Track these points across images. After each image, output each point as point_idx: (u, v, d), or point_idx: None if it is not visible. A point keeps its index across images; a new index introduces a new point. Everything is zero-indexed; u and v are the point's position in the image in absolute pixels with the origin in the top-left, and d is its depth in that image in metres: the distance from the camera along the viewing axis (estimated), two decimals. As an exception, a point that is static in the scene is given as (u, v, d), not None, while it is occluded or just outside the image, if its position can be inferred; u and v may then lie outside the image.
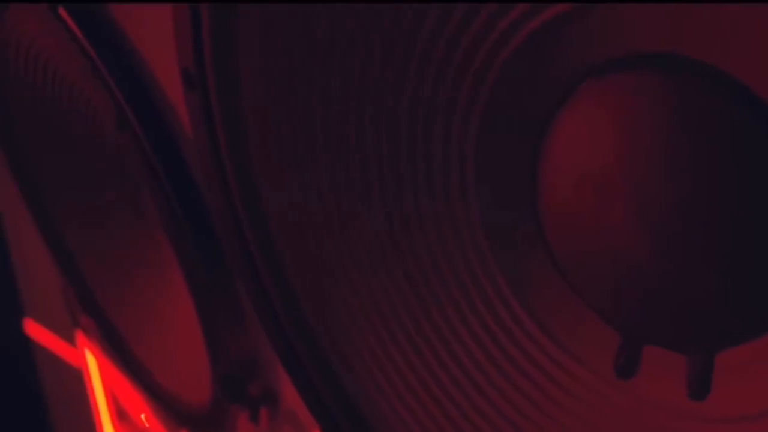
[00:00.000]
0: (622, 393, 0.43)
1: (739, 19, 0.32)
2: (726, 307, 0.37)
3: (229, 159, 0.52)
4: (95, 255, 0.88)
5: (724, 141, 0.34)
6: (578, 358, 0.44)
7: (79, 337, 1.01)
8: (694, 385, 0.39)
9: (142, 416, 0.95)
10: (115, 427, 1.03)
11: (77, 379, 1.07)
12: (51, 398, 1.37)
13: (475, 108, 0.42)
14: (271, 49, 0.47)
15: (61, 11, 0.65)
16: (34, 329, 1.25)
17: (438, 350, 0.49)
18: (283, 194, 0.51)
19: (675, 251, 0.37)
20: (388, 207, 0.47)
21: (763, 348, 0.37)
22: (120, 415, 1.02)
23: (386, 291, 0.49)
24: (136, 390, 0.93)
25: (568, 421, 0.45)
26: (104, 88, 0.65)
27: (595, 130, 0.38)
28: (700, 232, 0.36)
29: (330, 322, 0.53)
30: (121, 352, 0.92)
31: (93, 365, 1.02)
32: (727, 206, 0.35)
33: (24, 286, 1.27)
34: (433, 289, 0.48)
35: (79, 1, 0.65)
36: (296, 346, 0.55)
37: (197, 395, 0.78)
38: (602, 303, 0.42)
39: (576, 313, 0.43)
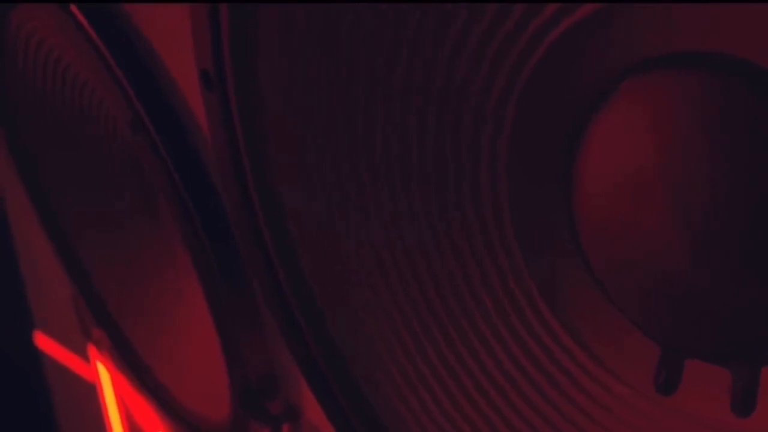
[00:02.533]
0: (663, 409, 0.43)
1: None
2: (770, 318, 0.37)
3: (248, 162, 0.52)
4: (108, 265, 0.88)
5: (768, 143, 0.34)
6: (616, 373, 0.44)
7: (92, 350, 1.02)
8: (738, 401, 0.39)
9: (158, 433, 0.96)
10: (129, 444, 1.04)
11: (90, 394, 1.08)
12: (62, 414, 1.38)
13: (507, 111, 0.42)
14: (292, 48, 0.47)
15: (74, 9, 0.66)
16: (45, 342, 1.25)
17: (468, 363, 0.49)
18: (303, 198, 0.51)
19: (717, 259, 0.37)
20: (415, 212, 0.47)
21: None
22: (134, 431, 1.03)
23: (414, 302, 0.49)
24: (151, 406, 0.94)
25: (605, 438, 0.45)
26: (118, 89, 0.65)
27: (633, 133, 0.38)
28: (743, 238, 0.36)
29: (355, 335, 0.53)
30: (135, 366, 0.92)
31: (106, 380, 1.02)
32: (770, 212, 0.35)
33: (34, 297, 1.27)
34: (463, 300, 0.48)
35: (93, 1, 0.66)
36: (319, 359, 0.55)
37: (215, 411, 0.78)
38: (641, 314, 0.42)
39: (613, 326, 0.43)
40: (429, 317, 0.49)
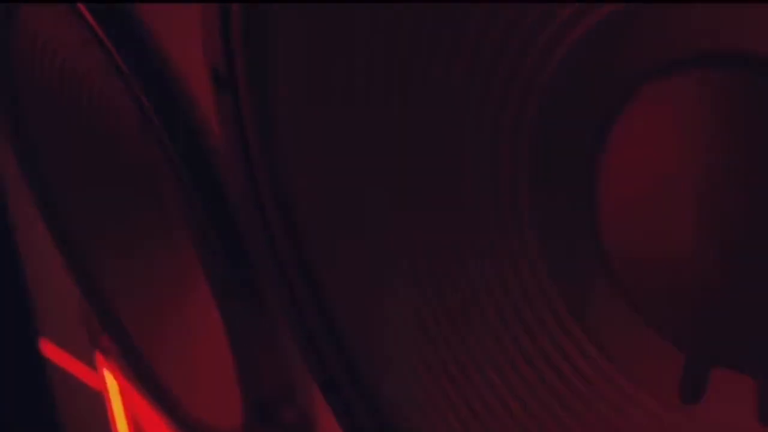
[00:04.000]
0: (687, 419, 0.42)
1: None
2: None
3: (259, 162, 0.52)
4: (116, 271, 0.88)
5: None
6: (639, 381, 0.44)
7: (99, 358, 1.02)
8: (765, 409, 0.39)
9: (167, 443, 0.96)
10: (137, 454, 1.04)
11: (96, 402, 1.08)
12: (68, 423, 1.38)
13: (527, 114, 0.42)
14: (304, 47, 0.47)
15: (82, 8, 0.66)
16: (51, 350, 1.26)
17: (485, 370, 0.49)
18: (318, 201, 0.52)
19: (744, 264, 0.37)
20: (436, 218, 0.47)
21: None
22: (142, 441, 1.03)
23: (434, 312, 0.49)
24: (160, 415, 0.94)
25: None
26: (127, 88, 0.65)
27: (657, 135, 0.38)
28: (773, 242, 0.36)
29: (371, 344, 0.53)
30: (143, 375, 0.92)
31: (113, 388, 1.03)
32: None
33: (40, 305, 1.28)
34: (482, 305, 0.48)
35: (101, 1, 0.66)
36: (334, 369, 0.55)
37: (227, 421, 0.78)
38: (666, 322, 0.42)
39: (637, 333, 0.43)
40: (446, 324, 0.49)
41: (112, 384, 1.02)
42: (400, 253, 0.49)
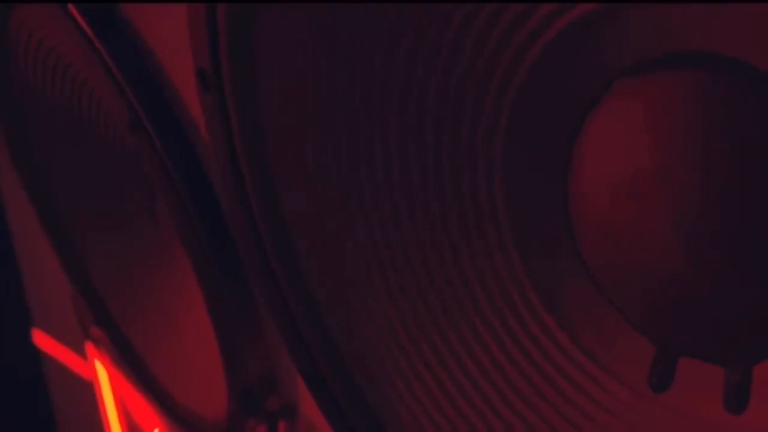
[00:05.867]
0: (657, 406, 0.43)
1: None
2: (764, 317, 0.37)
3: (245, 162, 0.52)
4: (107, 263, 0.88)
5: (764, 143, 0.34)
6: (611, 371, 0.44)
7: (90, 348, 1.02)
8: (731, 398, 0.39)
9: (155, 431, 0.95)
10: (126, 441, 1.04)
11: (87, 391, 1.07)
12: (60, 411, 1.38)
13: (502, 111, 0.42)
14: (289, 49, 0.47)
15: (72, 9, 0.66)
16: (43, 340, 1.25)
17: (465, 364, 0.49)
18: (302, 199, 0.51)
19: (711, 259, 0.37)
20: (414, 213, 0.47)
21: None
22: (131, 429, 1.03)
23: (411, 300, 0.49)
24: (149, 404, 0.94)
25: (600, 435, 0.45)
26: (116, 89, 0.65)
27: (628, 134, 0.38)
28: (738, 239, 0.36)
29: (352, 333, 0.53)
30: (133, 364, 0.92)
31: (104, 377, 1.02)
32: (765, 212, 0.35)
33: (32, 295, 1.27)
34: (461, 300, 0.48)
35: (90, 1, 0.66)
36: (316, 357, 0.55)
37: (213, 409, 0.78)
38: (636, 314, 0.42)
39: (608, 325, 0.43)
40: (426, 316, 0.49)
41: (102, 373, 1.02)
42: (380, 247, 0.49)
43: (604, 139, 0.39)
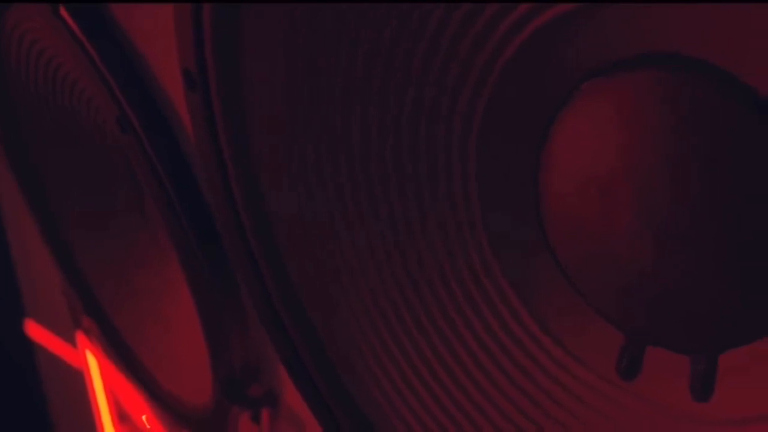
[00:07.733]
0: (625, 394, 0.43)
1: (745, 18, 0.32)
2: (729, 309, 0.37)
3: (231, 161, 0.52)
4: (97, 256, 0.88)
5: (730, 142, 0.34)
6: (581, 360, 0.44)
7: (80, 338, 1.01)
8: (697, 387, 0.40)
9: (143, 417, 0.95)
10: (116, 428, 1.03)
11: (78, 380, 1.07)
12: (52, 399, 1.38)
13: (476, 109, 0.42)
14: (274, 49, 0.47)
15: (63, 11, 0.65)
16: (35, 330, 1.25)
17: (441, 352, 0.49)
18: (286, 197, 0.51)
19: (678, 254, 0.37)
20: (392, 211, 0.47)
21: (766, 349, 0.37)
22: (121, 416, 1.03)
23: (390, 295, 0.49)
24: (137, 391, 0.93)
25: (570, 422, 0.45)
26: (106, 88, 0.65)
27: (598, 133, 0.38)
28: (704, 234, 0.36)
29: (333, 325, 0.53)
30: (122, 354, 0.92)
31: (94, 366, 1.02)
32: (730, 209, 0.35)
33: (25, 286, 1.27)
34: (437, 292, 0.48)
35: (80, 1, 0.66)
36: (298, 347, 0.55)
37: (198, 396, 0.78)
38: (606, 305, 0.42)
39: (579, 315, 0.43)
40: (403, 306, 0.49)
41: (92, 362, 1.02)
42: (361, 246, 0.49)
43: (574, 138, 0.39)
